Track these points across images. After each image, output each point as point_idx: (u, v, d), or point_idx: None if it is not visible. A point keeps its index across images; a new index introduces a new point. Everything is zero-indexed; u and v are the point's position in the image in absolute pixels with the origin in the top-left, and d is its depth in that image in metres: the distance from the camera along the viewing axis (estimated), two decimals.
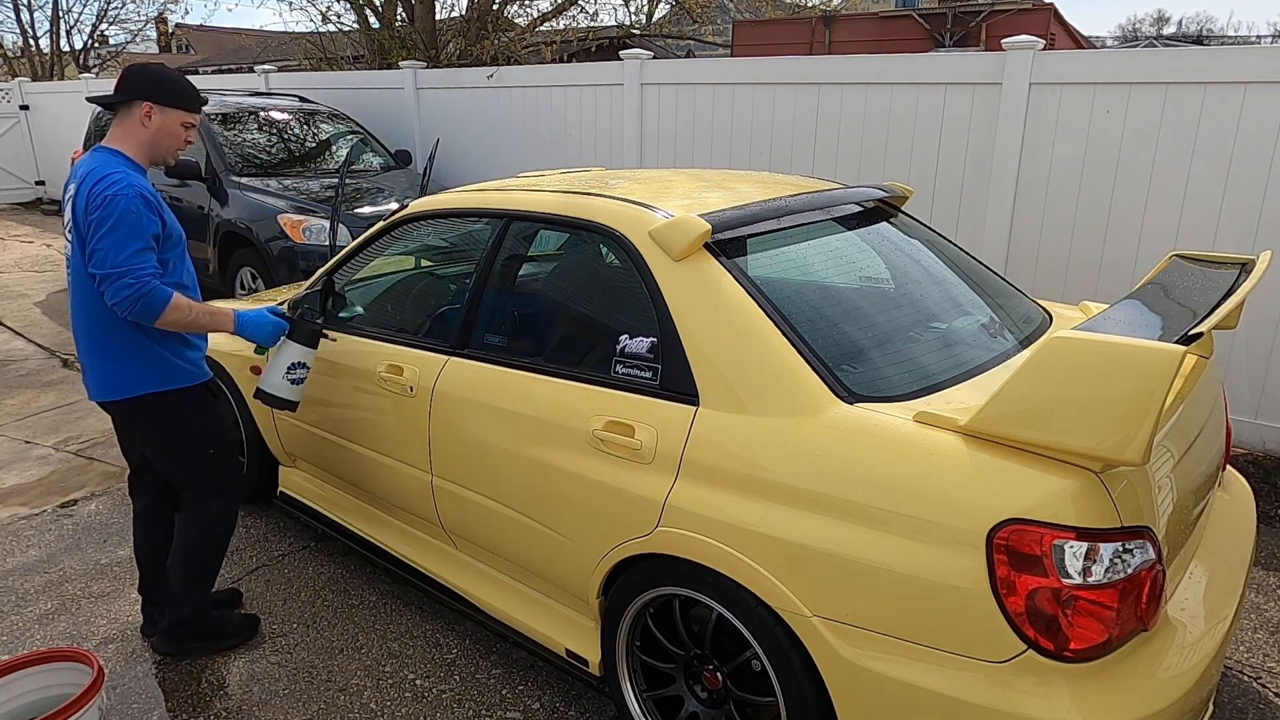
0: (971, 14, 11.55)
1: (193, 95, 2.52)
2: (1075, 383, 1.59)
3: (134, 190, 2.34)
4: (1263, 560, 3.35)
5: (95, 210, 2.31)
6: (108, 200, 2.30)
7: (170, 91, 2.47)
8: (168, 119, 2.48)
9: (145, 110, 2.45)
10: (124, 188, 2.32)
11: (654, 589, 2.15)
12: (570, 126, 6.73)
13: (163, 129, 2.49)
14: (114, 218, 2.30)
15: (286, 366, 2.75)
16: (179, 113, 2.50)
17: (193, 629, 2.76)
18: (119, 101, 2.46)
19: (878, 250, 2.56)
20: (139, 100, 2.44)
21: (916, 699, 1.73)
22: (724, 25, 15.62)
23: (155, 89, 2.45)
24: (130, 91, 2.44)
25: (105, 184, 2.33)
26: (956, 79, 4.73)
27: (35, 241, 10.51)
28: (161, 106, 2.46)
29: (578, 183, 2.75)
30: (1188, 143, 4.11)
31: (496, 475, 2.47)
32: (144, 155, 2.50)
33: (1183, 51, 4.11)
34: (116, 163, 2.41)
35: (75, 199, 2.39)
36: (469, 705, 2.57)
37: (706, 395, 2.05)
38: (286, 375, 2.76)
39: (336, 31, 11.78)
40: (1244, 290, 1.97)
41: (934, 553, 1.69)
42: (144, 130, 2.47)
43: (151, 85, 2.45)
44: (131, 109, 2.45)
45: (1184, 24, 55.98)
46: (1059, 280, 4.58)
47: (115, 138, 2.48)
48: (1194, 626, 1.86)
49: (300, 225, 5.78)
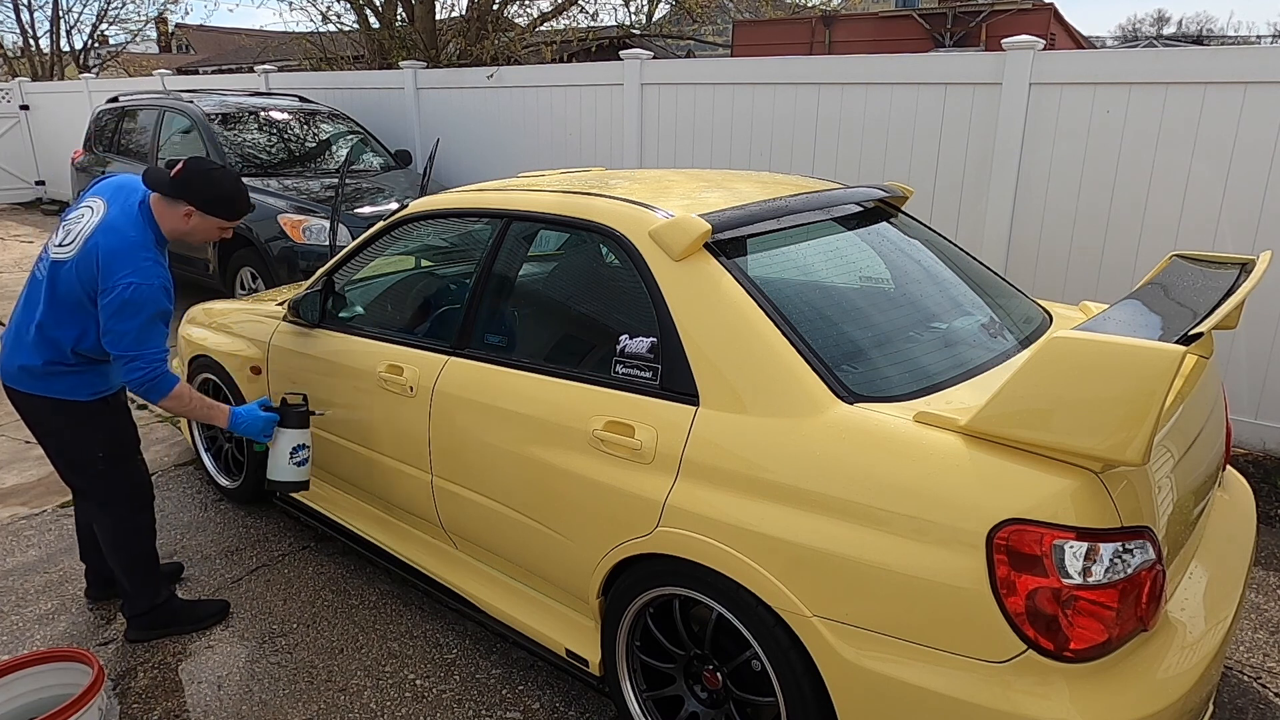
0: (971, 14, 11.55)
1: (237, 211, 2.67)
2: (1075, 383, 1.59)
3: (159, 283, 2.49)
4: (1263, 560, 3.35)
5: (118, 296, 2.43)
6: (135, 292, 2.44)
7: (216, 206, 2.61)
8: (206, 222, 2.62)
9: (187, 211, 2.58)
10: (151, 281, 2.46)
11: (654, 589, 2.15)
12: (570, 126, 6.73)
13: (199, 228, 2.63)
14: (136, 310, 2.45)
15: (288, 452, 2.83)
16: (219, 220, 2.65)
17: (152, 619, 2.86)
18: (169, 193, 2.56)
19: (878, 250, 2.56)
20: (184, 201, 2.57)
21: (916, 699, 1.73)
22: (724, 25, 15.61)
23: (201, 199, 2.58)
24: (179, 191, 2.56)
25: (136, 274, 2.44)
26: (956, 79, 4.73)
27: (35, 242, 10.51)
28: (202, 214, 2.60)
29: (578, 183, 2.74)
30: (1188, 143, 4.11)
31: (496, 475, 2.47)
32: (174, 237, 2.63)
33: (1183, 51, 4.11)
34: (149, 242, 2.53)
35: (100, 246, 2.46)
36: (469, 705, 2.57)
37: (706, 395, 2.05)
38: (291, 460, 2.83)
39: (336, 31, 11.78)
40: (1244, 290, 1.97)
41: (934, 553, 1.69)
42: (183, 224, 2.60)
43: (198, 195, 2.57)
44: (179, 202, 2.57)
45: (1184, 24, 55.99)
46: (1059, 280, 4.58)
47: (158, 210, 2.58)
48: (1194, 626, 1.86)
49: (300, 225, 5.78)
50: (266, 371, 3.34)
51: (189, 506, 3.77)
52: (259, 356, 3.37)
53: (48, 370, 2.56)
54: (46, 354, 2.55)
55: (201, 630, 2.88)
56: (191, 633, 2.88)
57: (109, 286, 2.44)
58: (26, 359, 2.57)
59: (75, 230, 2.54)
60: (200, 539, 3.51)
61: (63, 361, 2.56)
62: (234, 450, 3.75)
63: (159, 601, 2.87)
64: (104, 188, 2.65)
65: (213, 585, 3.18)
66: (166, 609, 2.88)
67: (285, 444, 2.82)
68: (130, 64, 23.00)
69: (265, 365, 3.34)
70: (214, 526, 3.61)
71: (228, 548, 3.44)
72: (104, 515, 2.75)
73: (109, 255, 2.45)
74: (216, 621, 2.92)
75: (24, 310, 2.63)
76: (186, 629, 2.88)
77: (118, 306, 2.44)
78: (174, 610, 2.90)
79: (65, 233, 2.57)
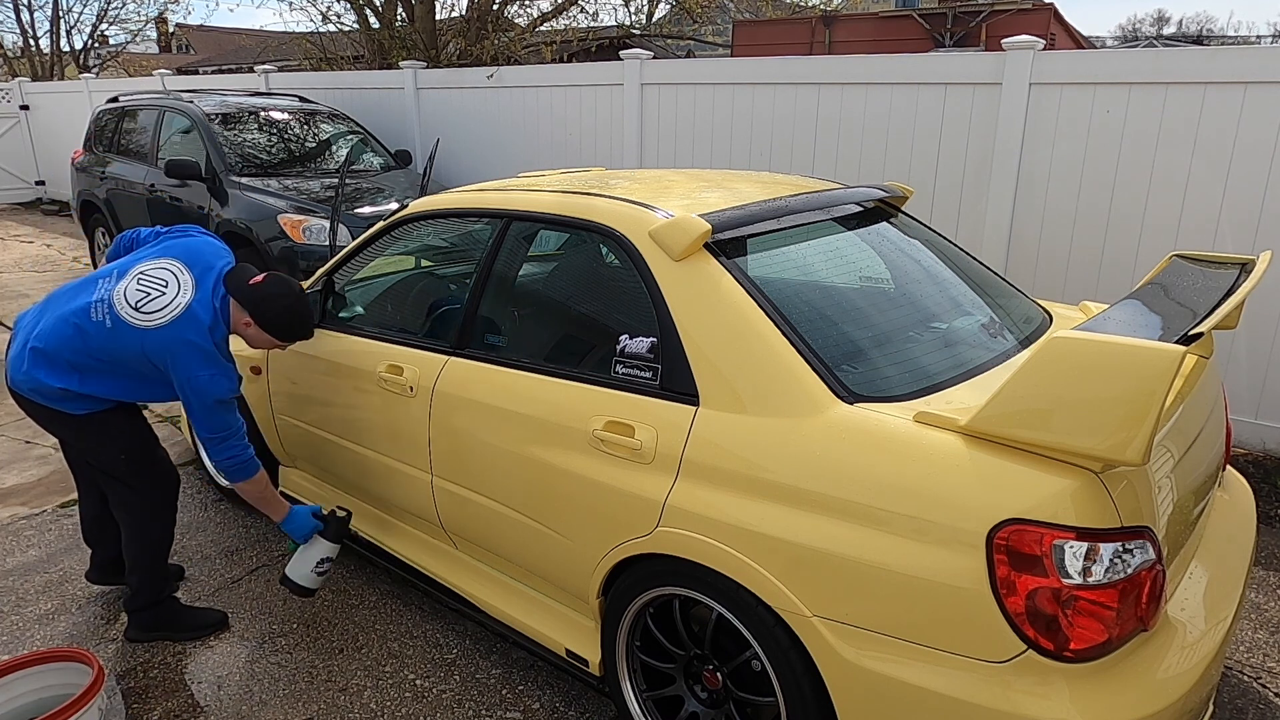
0: (971, 14, 11.54)
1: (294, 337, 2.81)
2: (1075, 383, 1.59)
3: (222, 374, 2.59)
4: (1263, 560, 3.35)
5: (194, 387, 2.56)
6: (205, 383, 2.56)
7: (277, 330, 2.74)
8: (263, 336, 2.76)
9: (248, 321, 2.70)
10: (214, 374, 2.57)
11: (654, 589, 2.15)
12: (570, 126, 6.73)
13: (255, 339, 2.77)
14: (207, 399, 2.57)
15: (316, 561, 2.89)
16: (268, 337, 2.77)
17: (154, 616, 2.87)
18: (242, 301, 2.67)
19: (878, 250, 2.56)
20: (250, 314, 2.68)
21: (916, 699, 1.73)
22: (724, 25, 15.61)
23: (267, 321, 2.70)
24: (251, 307, 2.67)
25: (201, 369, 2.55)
26: (956, 79, 4.73)
27: (35, 241, 10.51)
28: (260, 330, 2.73)
29: (578, 183, 2.74)
30: (1188, 143, 4.11)
31: (496, 475, 2.47)
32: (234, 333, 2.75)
33: (1183, 51, 4.11)
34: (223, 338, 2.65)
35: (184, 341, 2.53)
36: (469, 705, 2.57)
37: (706, 395, 2.05)
38: (315, 569, 2.89)
39: (336, 31, 11.78)
40: (1244, 290, 1.97)
41: (934, 553, 1.69)
42: (242, 330, 2.74)
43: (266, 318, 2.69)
44: (244, 310, 2.68)
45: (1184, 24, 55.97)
46: (1059, 280, 4.58)
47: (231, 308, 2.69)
48: (1194, 626, 1.86)
49: (300, 225, 5.78)
50: (266, 371, 3.34)
51: (189, 506, 3.77)
52: (259, 356, 3.37)
53: (62, 394, 2.60)
54: (68, 383, 2.58)
55: (199, 640, 2.87)
56: (190, 641, 2.86)
57: (186, 377, 2.55)
58: (45, 378, 2.57)
59: (157, 302, 2.55)
60: (200, 539, 3.51)
61: (81, 392, 2.60)
62: None
63: (161, 598, 2.87)
64: (188, 255, 2.67)
65: (213, 585, 3.18)
66: (168, 608, 2.89)
67: (317, 553, 2.89)
68: (130, 64, 23.00)
69: (265, 365, 3.34)
70: (214, 526, 3.61)
71: (228, 548, 3.44)
72: (130, 504, 2.78)
73: (192, 350, 2.54)
74: (214, 632, 2.91)
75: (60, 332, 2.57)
76: (185, 636, 2.87)
77: (196, 393, 2.56)
78: (175, 611, 2.90)
79: (142, 295, 2.56)
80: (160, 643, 2.85)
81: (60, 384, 2.57)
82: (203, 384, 2.55)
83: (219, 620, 2.93)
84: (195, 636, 2.88)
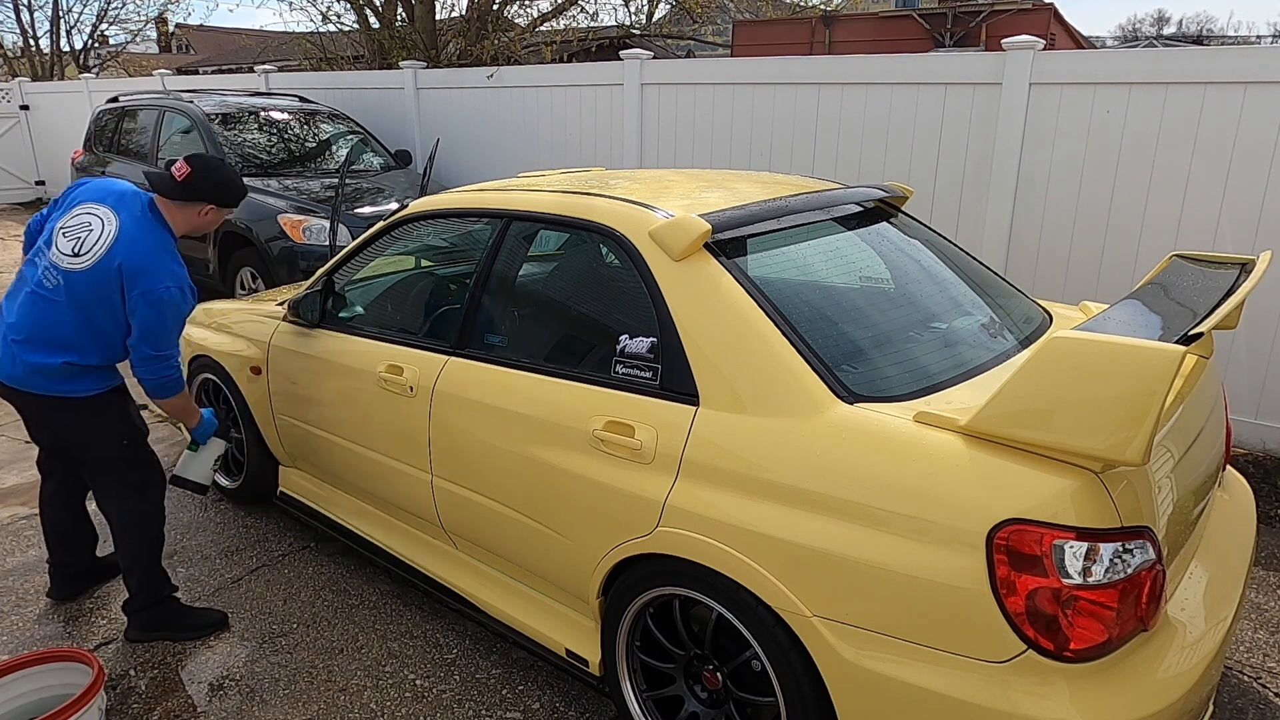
0: (971, 14, 11.55)
1: (243, 195, 2.86)
2: (1075, 383, 1.59)
3: (188, 286, 2.65)
4: (1263, 560, 3.35)
5: (158, 297, 2.57)
6: (170, 294, 2.59)
7: (231, 198, 2.79)
8: (220, 214, 2.82)
9: (205, 210, 2.75)
10: (181, 285, 2.63)
11: (654, 589, 2.15)
12: (570, 126, 6.73)
13: (212, 221, 2.81)
14: (174, 311, 2.62)
15: (214, 459, 3.10)
16: (228, 210, 2.84)
17: (154, 615, 2.88)
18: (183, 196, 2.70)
19: (878, 250, 2.56)
20: (205, 202, 2.73)
21: (916, 699, 1.73)
22: (724, 25, 15.61)
23: (220, 197, 2.75)
24: (195, 194, 2.70)
25: (170, 278, 2.60)
26: (956, 79, 4.73)
27: None
28: (219, 209, 2.79)
29: (578, 183, 2.75)
30: (1188, 143, 4.11)
31: (496, 475, 2.47)
32: (184, 232, 2.77)
33: (1183, 51, 4.11)
34: (170, 245, 2.67)
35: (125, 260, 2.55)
36: (469, 705, 2.57)
37: (706, 395, 2.05)
38: (213, 466, 3.11)
39: (336, 31, 11.77)
40: (1244, 290, 1.97)
41: (934, 553, 1.69)
42: (197, 220, 2.77)
43: (220, 191, 2.75)
44: (194, 203, 2.72)
45: (1184, 24, 55.96)
46: (1059, 280, 4.58)
47: (168, 212, 2.71)
48: (1194, 626, 1.86)
49: (300, 225, 5.78)
50: (266, 371, 3.34)
51: (189, 506, 3.77)
52: (259, 357, 3.37)
53: (68, 370, 2.61)
54: (68, 356, 2.60)
55: (199, 640, 2.87)
56: (190, 641, 2.86)
57: (148, 289, 2.56)
58: (41, 359, 2.58)
59: (88, 242, 2.57)
60: (200, 539, 3.51)
61: (82, 363, 2.62)
62: (234, 451, 3.75)
63: (161, 598, 2.88)
64: (100, 195, 2.69)
65: (213, 585, 3.18)
66: (168, 607, 2.89)
67: (214, 451, 3.08)
68: (130, 64, 23.00)
69: (265, 365, 3.34)
70: (214, 526, 3.61)
71: (228, 548, 3.44)
72: (125, 501, 2.79)
73: (138, 266, 2.56)
74: (214, 632, 2.90)
75: (30, 313, 2.61)
76: (184, 635, 2.86)
77: (157, 307, 2.58)
78: (174, 611, 2.90)
79: (75, 242, 2.59)
80: (160, 643, 2.85)
81: (62, 359, 2.59)
82: (168, 296, 2.57)
83: (219, 620, 2.93)
84: (195, 636, 2.87)
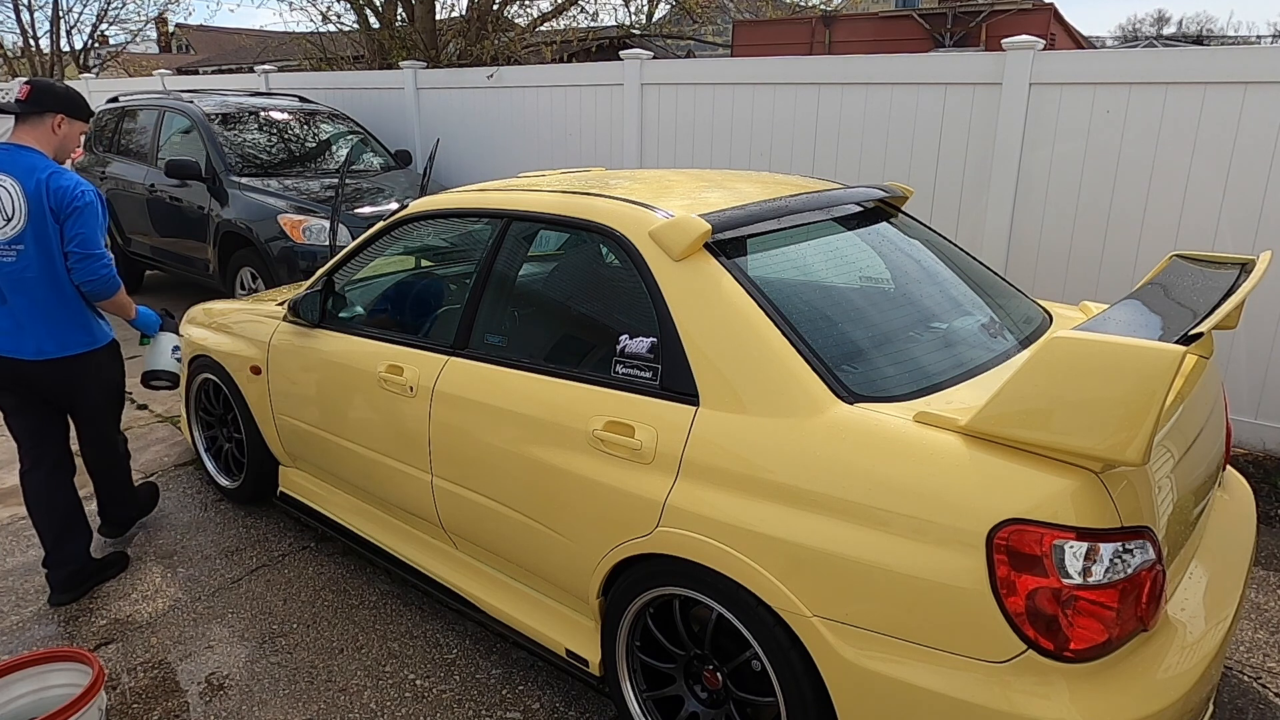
0: (971, 14, 11.55)
1: (89, 110, 3.01)
2: (1075, 383, 1.59)
3: (96, 189, 2.88)
4: (1263, 560, 3.35)
5: (76, 202, 2.81)
6: (87, 196, 2.83)
7: (78, 106, 2.93)
8: (73, 129, 2.94)
9: (58, 121, 2.90)
10: (92, 188, 2.87)
11: (654, 589, 2.15)
12: (570, 126, 6.73)
13: (68, 137, 2.94)
14: (95, 213, 2.85)
15: (171, 348, 3.39)
16: (80, 124, 2.96)
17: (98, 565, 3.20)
18: (30, 112, 2.85)
19: (878, 250, 2.56)
20: (51, 112, 2.88)
21: (916, 699, 1.73)
22: (724, 25, 15.61)
23: (68, 104, 2.91)
24: (43, 104, 2.86)
25: (77, 183, 2.83)
26: (956, 79, 4.73)
27: None
28: (70, 119, 2.92)
29: (578, 183, 2.75)
30: (1188, 143, 4.11)
31: (496, 475, 2.47)
32: (52, 153, 2.92)
33: (1183, 51, 4.11)
34: (53, 163, 2.87)
35: (31, 192, 2.78)
36: (469, 705, 2.57)
37: (706, 395, 2.05)
38: (173, 355, 3.38)
39: (336, 31, 11.77)
40: (1244, 290, 1.97)
41: (934, 553, 1.69)
42: (53, 137, 2.91)
43: (65, 100, 2.90)
44: (44, 119, 2.88)
45: (1184, 24, 55.94)
46: (1059, 280, 4.58)
47: (32, 137, 2.87)
48: (1194, 626, 1.86)
49: (300, 225, 5.78)
50: (266, 371, 3.34)
51: (189, 506, 3.78)
52: (259, 356, 3.37)
53: (79, 322, 2.92)
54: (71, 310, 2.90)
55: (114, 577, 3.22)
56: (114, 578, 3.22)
57: (70, 201, 2.79)
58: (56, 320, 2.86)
59: (10, 203, 2.78)
60: (200, 539, 3.51)
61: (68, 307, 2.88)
62: (234, 450, 3.75)
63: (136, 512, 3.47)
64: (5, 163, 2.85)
65: (213, 585, 3.18)
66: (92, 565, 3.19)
67: (168, 341, 3.38)
68: (130, 64, 22.99)
69: (265, 365, 3.34)
70: (214, 526, 3.61)
71: (228, 548, 3.44)
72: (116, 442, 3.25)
73: (56, 190, 2.79)
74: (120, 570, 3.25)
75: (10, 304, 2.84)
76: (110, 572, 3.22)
77: (78, 211, 2.80)
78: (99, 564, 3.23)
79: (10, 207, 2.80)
80: (159, 643, 2.85)
81: (66, 311, 2.88)
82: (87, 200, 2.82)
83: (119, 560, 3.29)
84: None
